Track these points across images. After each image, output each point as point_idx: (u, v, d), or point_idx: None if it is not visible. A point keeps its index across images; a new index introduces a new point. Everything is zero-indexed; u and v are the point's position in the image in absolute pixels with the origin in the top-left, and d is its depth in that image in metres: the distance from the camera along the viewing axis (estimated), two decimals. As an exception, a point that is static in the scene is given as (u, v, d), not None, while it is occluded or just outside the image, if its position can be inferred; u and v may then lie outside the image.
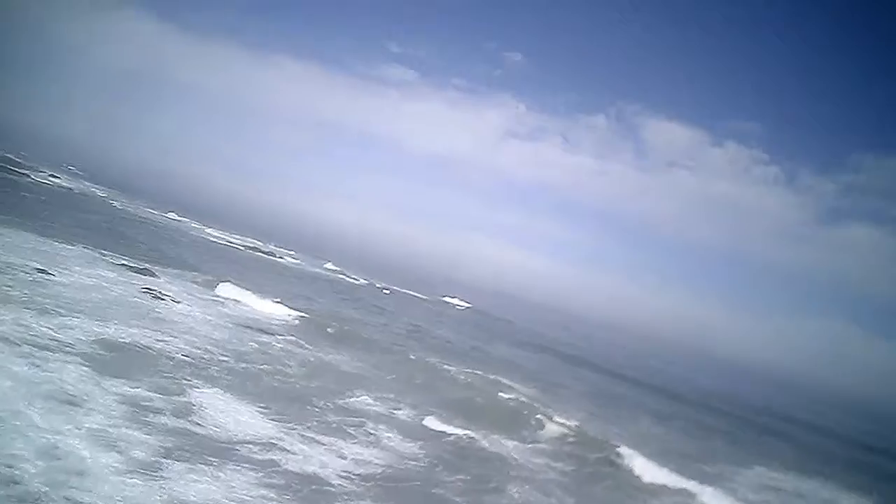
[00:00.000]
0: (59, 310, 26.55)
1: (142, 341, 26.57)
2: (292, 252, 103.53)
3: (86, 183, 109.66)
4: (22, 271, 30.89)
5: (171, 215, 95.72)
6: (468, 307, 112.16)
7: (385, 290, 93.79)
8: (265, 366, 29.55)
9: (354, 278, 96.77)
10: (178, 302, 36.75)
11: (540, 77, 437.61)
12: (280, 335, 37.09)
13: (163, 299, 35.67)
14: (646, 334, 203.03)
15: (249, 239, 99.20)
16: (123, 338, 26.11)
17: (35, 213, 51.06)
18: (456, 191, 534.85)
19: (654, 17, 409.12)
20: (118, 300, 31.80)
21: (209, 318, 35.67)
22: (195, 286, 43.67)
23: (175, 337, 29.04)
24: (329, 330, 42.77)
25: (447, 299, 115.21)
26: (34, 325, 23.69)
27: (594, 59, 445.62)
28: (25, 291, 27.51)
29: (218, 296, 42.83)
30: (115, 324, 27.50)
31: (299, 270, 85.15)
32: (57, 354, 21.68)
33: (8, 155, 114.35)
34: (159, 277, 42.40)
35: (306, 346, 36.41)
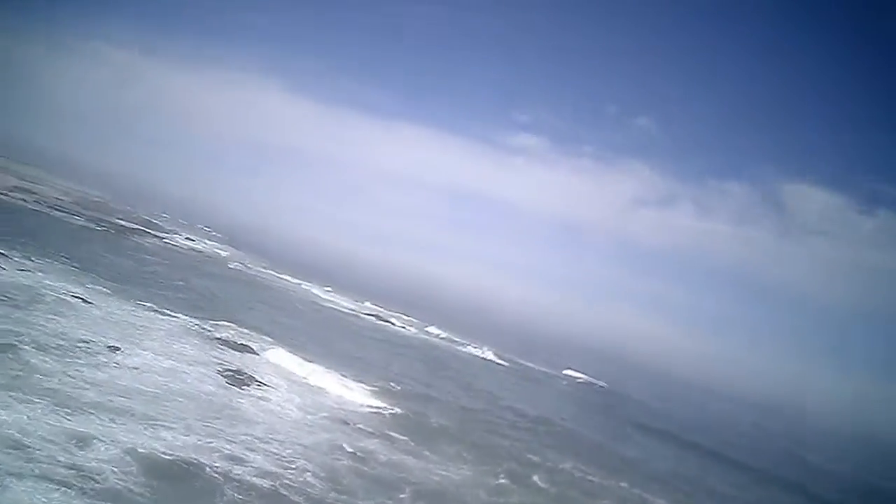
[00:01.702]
0: (102, 410, 20.29)
1: (200, 457, 19.79)
2: (404, 315, 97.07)
3: (218, 245, 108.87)
4: (88, 351, 25.29)
5: (293, 279, 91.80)
6: (592, 382, 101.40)
7: (499, 362, 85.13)
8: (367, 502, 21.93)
9: (462, 344, 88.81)
10: (265, 388, 30.21)
11: (668, 142, 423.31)
12: (380, 437, 29.60)
13: (246, 386, 29.20)
14: (794, 415, 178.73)
15: (367, 303, 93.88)
16: (176, 453, 19.42)
17: (146, 279, 47.07)
18: (580, 257, 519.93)
19: (790, 78, 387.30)
20: (187, 391, 25.45)
21: (299, 412, 28.85)
22: (293, 366, 37.10)
23: (248, 447, 22.19)
24: (435, 424, 35.10)
25: (568, 372, 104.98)
26: (55, 436, 17.37)
27: (725, 123, 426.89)
28: (71, 378, 21.57)
29: (312, 382, 35.85)
30: (171, 429, 20.95)
31: (405, 338, 78.13)
32: (66, 494, 15.07)
33: (150, 218, 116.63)
34: (257, 354, 36.36)
35: (413, 453, 28.76)
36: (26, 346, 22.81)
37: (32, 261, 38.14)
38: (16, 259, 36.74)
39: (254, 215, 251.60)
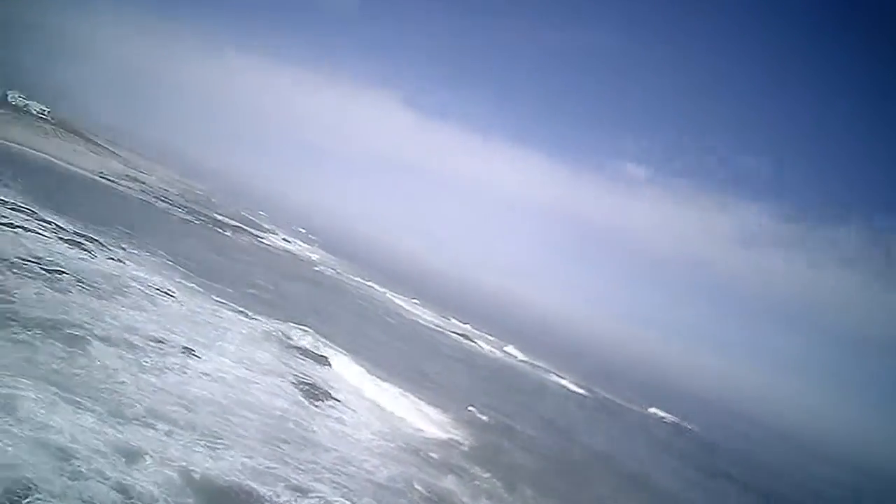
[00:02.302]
0: (161, 420, 18.37)
1: (262, 486, 17.59)
2: (487, 335, 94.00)
3: (311, 248, 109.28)
4: (160, 351, 23.68)
5: (379, 287, 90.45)
6: (680, 425, 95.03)
7: (581, 392, 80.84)
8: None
9: (544, 370, 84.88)
10: (340, 407, 28.01)
11: (777, 182, 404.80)
12: (457, 474, 26.81)
13: (320, 403, 27.08)
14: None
15: (452, 319, 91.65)
16: (235, 478, 17.23)
17: (235, 277, 46.19)
18: (678, 294, 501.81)
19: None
20: (258, 405, 23.40)
21: (372, 438, 26.45)
22: (370, 384, 34.84)
23: (316, 477, 19.87)
24: (518, 462, 32.28)
25: (654, 411, 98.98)
26: (105, 447, 15.49)
27: (838, 169, 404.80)
28: (135, 381, 19.83)
29: (388, 403, 33.40)
30: (234, 449, 18.81)
31: (486, 358, 74.96)
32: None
33: (249, 216, 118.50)
34: (334, 367, 34.40)
35: (495, 497, 25.83)
36: (96, 341, 21.33)
37: (125, 250, 37.55)
38: (109, 247, 36.13)
39: (353, 221, 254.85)
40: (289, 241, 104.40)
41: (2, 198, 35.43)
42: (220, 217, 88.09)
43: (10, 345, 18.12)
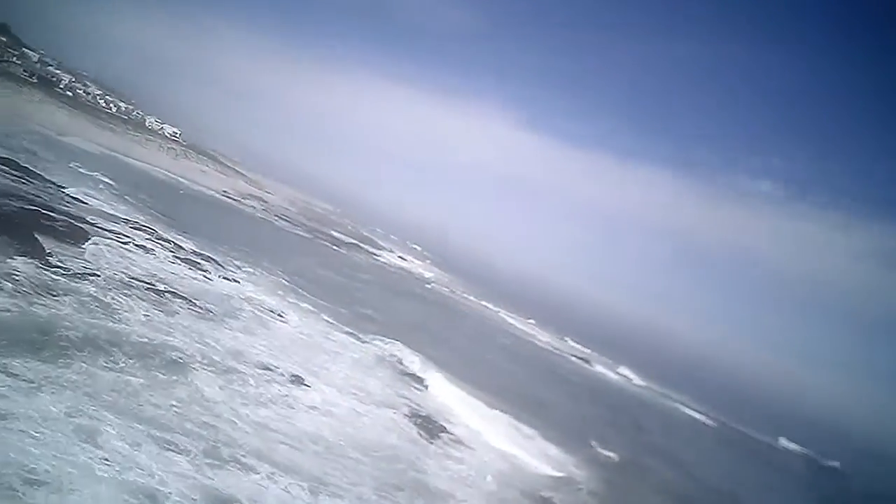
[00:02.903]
0: (261, 460, 16.49)
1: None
2: (605, 358, 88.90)
3: (426, 265, 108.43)
4: (266, 379, 22.10)
5: (492, 306, 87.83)
6: (818, 461, 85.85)
7: (705, 421, 74.46)
8: None
9: (664, 395, 78.97)
10: (456, 444, 25.50)
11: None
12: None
13: (435, 439, 24.68)
14: None
15: (569, 340, 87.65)
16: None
17: (349, 297, 45.07)
18: (798, 314, 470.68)
19: None
20: (369, 443, 21.24)
21: (491, 482, 23.64)
22: (485, 417, 32.13)
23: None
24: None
25: (785, 443, 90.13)
26: (196, 493, 13.64)
27: None
28: (237, 414, 18.11)
29: (504, 439, 30.39)
30: (340, 497, 16.64)
31: (602, 382, 70.40)
32: None
33: (366, 232, 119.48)
34: (447, 396, 32.02)
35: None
36: (199, 368, 19.91)
37: (241, 269, 36.90)
38: (225, 266, 35.55)
39: (469, 239, 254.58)
40: (404, 259, 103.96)
41: (125, 217, 35.60)
42: (336, 234, 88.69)
43: (105, 372, 16.81)
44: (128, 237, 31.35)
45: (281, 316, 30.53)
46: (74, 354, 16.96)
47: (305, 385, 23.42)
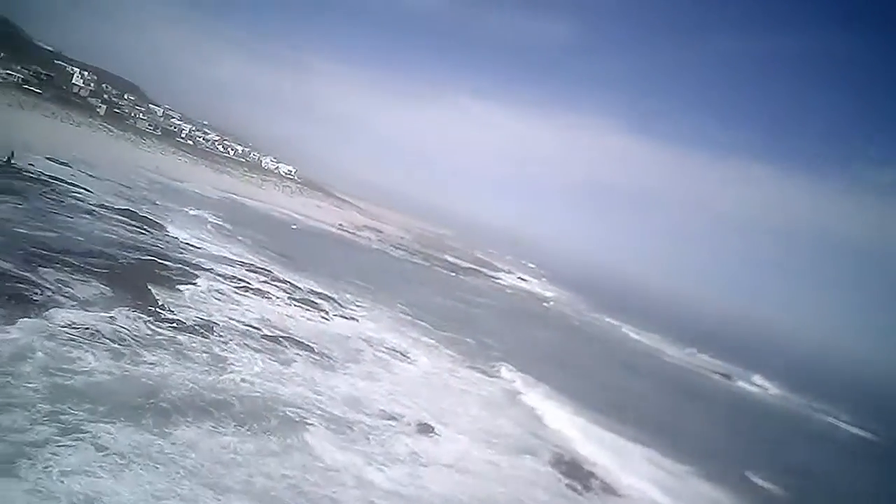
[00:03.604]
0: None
1: None
2: (753, 373, 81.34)
3: (542, 284, 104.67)
4: (393, 430, 19.57)
5: (614, 321, 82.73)
6: None
7: (865, 436, 65.40)
8: None
9: (819, 410, 70.63)
10: (606, 495, 21.94)
11: None
12: None
13: (586, 491, 21.28)
14: None
15: (705, 357, 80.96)
16: None
17: (472, 326, 42.41)
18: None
19: None
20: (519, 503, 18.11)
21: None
22: (634, 452, 28.24)
23: None
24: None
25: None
26: None
27: None
28: (360, 482, 15.56)
29: (655, 485, 26.26)
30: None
31: (744, 399, 63.64)
32: None
33: (480, 255, 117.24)
34: (583, 432, 28.46)
35: None
36: (317, 426, 17.62)
37: (359, 306, 35.04)
38: (343, 304, 33.76)
39: (580, 252, 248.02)
40: (524, 280, 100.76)
41: (240, 259, 34.65)
42: (452, 260, 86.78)
43: (209, 440, 14.73)
44: (243, 280, 30.13)
45: (403, 355, 28.17)
46: (177, 420, 15.01)
47: (435, 434, 20.73)
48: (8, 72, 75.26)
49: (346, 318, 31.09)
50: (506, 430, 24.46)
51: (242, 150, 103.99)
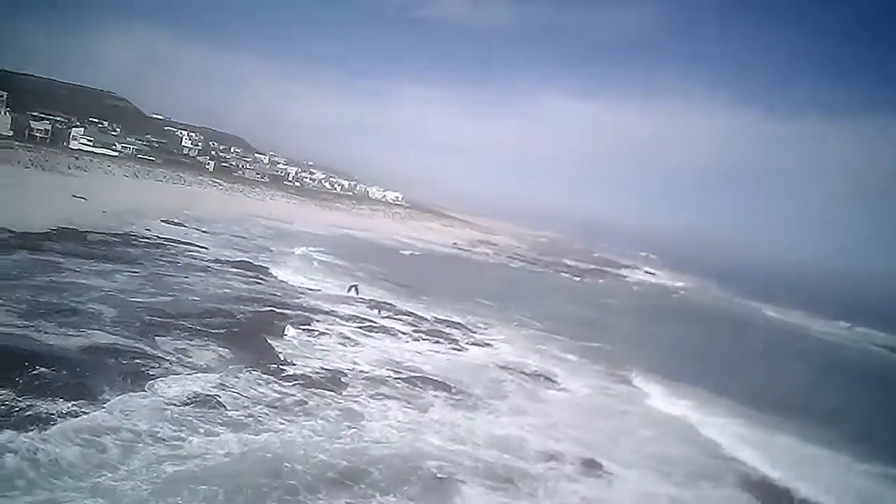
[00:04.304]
0: None
1: None
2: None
3: (668, 274, 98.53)
4: (556, 477, 16.60)
5: (750, 302, 75.70)
6: None
7: None
8: None
9: None
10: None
11: None
12: None
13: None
14: None
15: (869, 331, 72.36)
16: None
17: (609, 332, 38.80)
18: None
19: None
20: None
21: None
22: (825, 469, 23.66)
23: None
24: None
25: None
26: None
27: None
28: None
29: None
30: None
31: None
32: None
33: (596, 252, 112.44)
34: (761, 447, 24.21)
35: None
36: (469, 483, 14.95)
37: (491, 328, 32.38)
38: (472, 329, 31.22)
39: (705, 239, 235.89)
40: (651, 273, 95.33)
41: (361, 296, 32.85)
42: (572, 263, 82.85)
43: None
44: (365, 319, 28.19)
45: (548, 379, 25.14)
46: (306, 500, 12.75)
47: (605, 473, 17.55)
48: (124, 145, 78.83)
49: (480, 344, 28.44)
50: (674, 453, 20.82)
51: (349, 185, 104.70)
